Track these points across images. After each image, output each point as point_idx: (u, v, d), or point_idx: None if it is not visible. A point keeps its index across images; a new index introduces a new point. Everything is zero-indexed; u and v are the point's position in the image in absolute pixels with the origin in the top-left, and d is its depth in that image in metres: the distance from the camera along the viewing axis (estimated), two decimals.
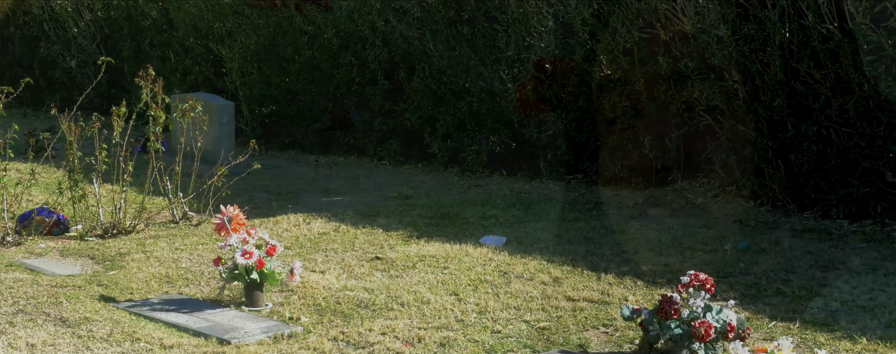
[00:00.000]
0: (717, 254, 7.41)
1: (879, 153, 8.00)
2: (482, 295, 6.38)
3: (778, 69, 8.33)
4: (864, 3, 7.82)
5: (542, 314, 6.03)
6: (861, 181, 8.19)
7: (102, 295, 6.45)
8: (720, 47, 8.70)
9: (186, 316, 6.00)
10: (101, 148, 8.34)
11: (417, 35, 11.34)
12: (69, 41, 16.51)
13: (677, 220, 8.68)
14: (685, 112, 9.33)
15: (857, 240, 7.71)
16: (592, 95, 9.86)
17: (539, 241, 7.86)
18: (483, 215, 8.91)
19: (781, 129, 8.57)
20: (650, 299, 6.23)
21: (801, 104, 8.40)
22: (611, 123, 9.87)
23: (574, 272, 6.90)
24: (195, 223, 8.57)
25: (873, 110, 7.95)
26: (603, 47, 9.62)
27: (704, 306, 5.23)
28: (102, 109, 12.37)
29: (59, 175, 8.73)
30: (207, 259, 7.30)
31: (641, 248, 7.62)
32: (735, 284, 6.60)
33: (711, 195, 9.27)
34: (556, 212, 9.06)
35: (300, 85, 12.87)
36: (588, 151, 10.12)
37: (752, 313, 5.98)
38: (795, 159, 8.45)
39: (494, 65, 10.61)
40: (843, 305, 6.14)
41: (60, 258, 7.53)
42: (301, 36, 12.81)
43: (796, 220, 8.39)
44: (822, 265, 7.06)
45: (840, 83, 8.15)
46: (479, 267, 7.05)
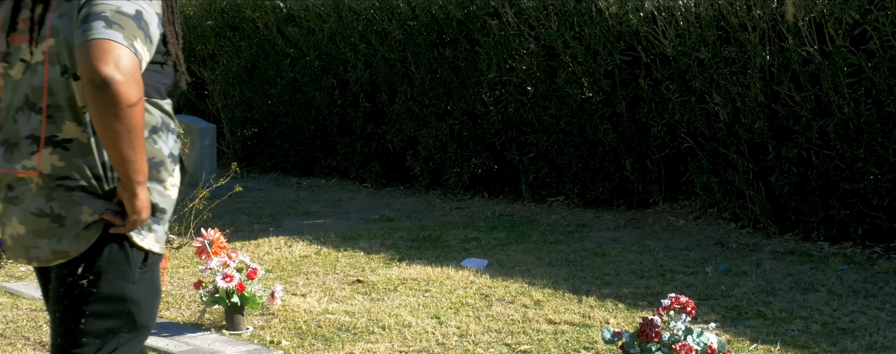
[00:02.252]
0: (698, 276, 7.41)
1: (860, 176, 8.02)
2: (463, 318, 6.37)
3: (758, 92, 8.36)
4: (843, 26, 7.85)
5: (524, 337, 6.02)
6: (841, 203, 8.21)
7: None
8: (701, 70, 8.72)
9: (166, 340, 5.98)
10: None
11: (399, 57, 11.35)
12: None
13: (658, 242, 8.69)
14: (666, 135, 9.35)
15: (837, 262, 7.72)
16: (574, 117, 9.87)
17: (521, 264, 7.86)
18: (465, 238, 8.91)
19: (762, 151, 8.60)
20: (631, 322, 6.23)
21: (781, 127, 8.43)
22: (592, 145, 9.89)
23: (555, 295, 6.90)
24: (176, 246, 8.55)
25: (853, 133, 7.97)
26: (584, 70, 9.64)
27: (685, 329, 5.23)
28: None
29: None
30: (188, 283, 7.28)
31: (623, 270, 7.63)
32: (716, 306, 6.60)
33: (692, 218, 9.29)
34: (537, 234, 9.07)
35: (282, 107, 12.87)
36: (570, 173, 10.13)
37: (733, 335, 5.98)
38: (776, 182, 8.47)
39: (476, 87, 10.62)
40: (824, 327, 6.14)
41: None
42: (283, 58, 12.82)
43: (777, 242, 8.40)
44: (802, 287, 7.07)
45: (820, 106, 8.18)
46: (461, 290, 7.04)
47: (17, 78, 3.43)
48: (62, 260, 3.36)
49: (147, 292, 3.47)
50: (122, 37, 3.13)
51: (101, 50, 3.08)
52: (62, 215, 3.33)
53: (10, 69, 3.46)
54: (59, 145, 3.34)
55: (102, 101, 3.11)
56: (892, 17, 7.58)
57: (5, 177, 3.43)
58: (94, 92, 3.10)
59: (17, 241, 3.44)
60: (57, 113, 3.34)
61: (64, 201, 3.33)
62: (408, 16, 11.18)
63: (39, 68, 3.35)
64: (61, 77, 3.31)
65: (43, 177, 3.33)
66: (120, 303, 3.41)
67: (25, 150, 3.37)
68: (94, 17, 3.14)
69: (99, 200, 3.33)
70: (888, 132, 7.80)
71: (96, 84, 3.08)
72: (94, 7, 3.18)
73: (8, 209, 3.45)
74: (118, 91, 3.09)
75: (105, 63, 3.07)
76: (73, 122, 3.33)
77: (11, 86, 3.46)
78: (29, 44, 3.38)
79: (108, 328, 3.42)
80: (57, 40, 3.31)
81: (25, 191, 3.38)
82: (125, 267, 3.40)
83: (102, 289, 3.38)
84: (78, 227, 3.32)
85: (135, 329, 3.47)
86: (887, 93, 7.72)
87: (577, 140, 9.97)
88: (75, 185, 3.32)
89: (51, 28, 3.33)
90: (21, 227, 3.40)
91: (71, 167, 3.33)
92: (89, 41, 3.10)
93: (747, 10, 8.37)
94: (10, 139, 3.43)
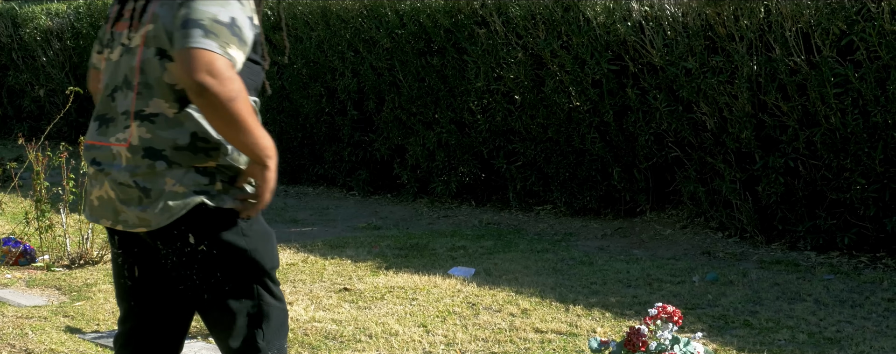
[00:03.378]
0: (685, 286, 7.42)
1: (846, 186, 8.04)
2: (450, 327, 6.37)
3: (746, 101, 8.38)
4: (830, 37, 7.88)
5: (511, 346, 6.02)
6: (828, 213, 8.23)
7: (69, 326, 6.42)
8: (688, 79, 8.73)
9: None
10: (68, 178, 8.31)
11: (387, 66, 11.35)
12: (38, 70, 16.45)
13: (646, 251, 8.70)
14: (654, 144, 9.36)
15: (824, 272, 7.74)
16: (562, 126, 9.88)
17: (508, 272, 7.86)
18: (452, 247, 8.91)
19: (749, 161, 8.61)
20: (618, 331, 6.24)
21: (768, 136, 8.45)
22: (580, 154, 9.90)
23: (542, 304, 6.90)
24: None
25: (840, 143, 7.99)
26: (572, 79, 9.65)
27: (672, 338, 5.23)
28: (71, 139, 12.31)
29: (26, 205, 8.69)
30: None
31: (610, 279, 7.63)
32: (703, 316, 6.61)
33: (679, 227, 9.30)
34: (524, 243, 9.07)
35: (269, 115, 12.86)
36: (557, 182, 10.14)
37: (719, 345, 5.99)
38: (763, 191, 8.49)
39: (464, 96, 10.62)
40: (811, 337, 6.16)
41: (26, 289, 7.49)
42: (270, 66, 12.80)
43: (764, 251, 8.42)
44: (789, 296, 7.09)
45: (807, 116, 8.20)
46: (448, 299, 7.04)
47: (116, 60, 3.76)
48: (144, 229, 3.67)
49: (260, 237, 3.78)
50: (217, 45, 3.48)
51: (196, 59, 3.44)
52: (148, 188, 3.62)
53: (111, 54, 3.80)
54: (146, 118, 3.63)
55: (204, 103, 3.48)
56: (879, 29, 7.60)
57: (97, 149, 3.74)
58: (195, 97, 3.48)
59: (105, 204, 3.74)
60: (146, 90, 3.64)
61: (148, 175, 3.62)
62: (396, 24, 11.18)
63: (136, 51, 3.68)
64: (154, 57, 3.62)
65: (131, 148, 3.63)
66: (242, 255, 3.73)
67: (120, 124, 3.68)
68: (193, 24, 3.48)
69: (181, 170, 3.62)
70: (874, 143, 7.82)
71: (195, 90, 3.45)
72: (192, 12, 3.51)
73: (97, 176, 3.76)
74: (215, 92, 3.44)
75: (199, 71, 3.43)
76: (160, 98, 3.62)
77: (111, 68, 3.78)
78: (129, 29, 3.72)
79: (244, 280, 3.76)
80: (155, 26, 3.62)
81: (114, 162, 3.67)
82: (230, 226, 3.70)
83: (221, 249, 3.70)
84: (163, 198, 3.62)
85: (264, 273, 3.80)
86: (874, 103, 7.74)
87: (564, 149, 9.98)
88: (159, 156, 3.61)
89: (152, 15, 3.64)
90: (111, 192, 3.70)
91: (156, 139, 3.61)
92: (187, 50, 3.46)
93: (734, 20, 8.39)
94: (107, 115, 3.75)
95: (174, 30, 3.53)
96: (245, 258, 3.74)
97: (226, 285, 3.75)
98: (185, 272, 3.75)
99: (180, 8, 3.55)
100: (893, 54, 7.59)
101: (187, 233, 3.68)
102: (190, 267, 3.73)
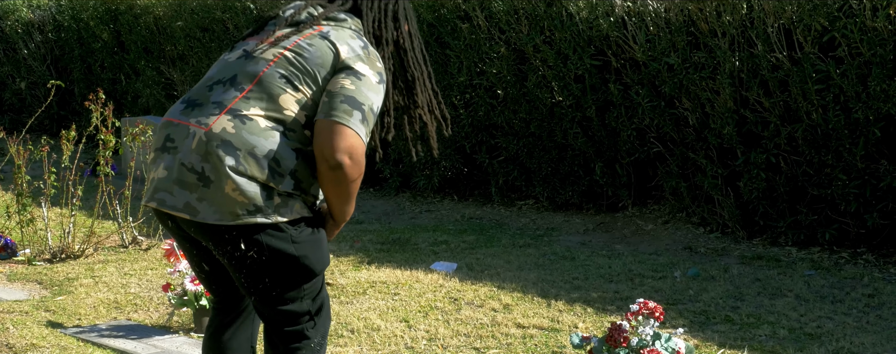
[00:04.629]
0: (666, 281, 7.44)
1: (828, 182, 8.07)
2: (432, 322, 6.37)
3: (728, 97, 8.39)
4: (812, 33, 7.90)
5: (493, 341, 6.03)
6: (809, 209, 8.26)
7: (50, 321, 6.41)
8: (671, 75, 8.75)
9: (134, 342, 5.96)
10: (50, 171, 8.29)
11: None
12: (19, 63, 16.39)
13: (627, 246, 8.71)
14: (636, 139, 9.37)
15: (805, 267, 7.76)
16: (544, 121, 9.89)
17: (490, 267, 7.87)
18: (434, 241, 8.91)
19: (731, 156, 8.63)
20: (600, 326, 6.25)
21: (750, 132, 8.47)
22: (562, 149, 9.90)
23: (524, 299, 6.91)
24: (145, 248, 8.53)
25: (821, 139, 8.02)
26: (554, 74, 9.66)
27: (653, 334, 5.24)
28: (52, 132, 12.28)
29: (8, 199, 8.67)
30: (157, 285, 7.26)
31: (592, 275, 7.65)
32: (684, 311, 6.63)
33: (661, 222, 9.32)
34: (506, 238, 9.08)
35: None
36: (539, 176, 10.15)
37: (700, 340, 6.01)
38: (745, 187, 8.51)
39: (446, 90, 10.62)
40: (791, 332, 6.18)
41: (7, 283, 7.47)
42: None
43: (745, 247, 8.44)
44: (770, 292, 7.11)
45: (789, 112, 8.22)
46: (430, 294, 7.05)
47: (231, 62, 3.91)
48: (187, 216, 3.74)
49: (310, 243, 3.86)
50: (365, 132, 3.76)
51: (344, 138, 3.72)
52: (209, 178, 3.69)
53: (228, 55, 3.96)
54: (238, 116, 3.74)
55: (332, 176, 3.75)
56: (861, 25, 7.62)
57: (174, 126, 3.81)
58: (325, 168, 3.74)
59: (158, 183, 3.81)
60: (254, 97, 3.77)
61: (215, 167, 3.68)
62: None
63: (262, 62, 3.82)
64: (280, 79, 3.78)
65: (209, 135, 3.71)
66: (292, 262, 3.81)
67: (207, 111, 3.78)
68: (356, 105, 3.74)
69: (243, 178, 3.68)
70: (855, 139, 7.84)
71: (329, 164, 3.72)
72: (358, 94, 3.77)
73: (160, 156, 3.81)
74: (347, 173, 3.74)
75: (342, 151, 3.71)
76: (261, 111, 3.75)
77: (222, 66, 3.93)
78: (262, 43, 3.90)
79: (294, 283, 3.86)
80: (295, 54, 3.81)
81: (186, 143, 3.74)
82: (279, 235, 3.78)
83: (271, 257, 3.78)
84: (218, 197, 3.69)
85: (313, 275, 3.89)
86: (855, 100, 7.77)
87: (546, 144, 9.99)
88: (231, 154, 3.68)
89: (296, 44, 3.84)
90: (164, 172, 3.78)
91: (237, 137, 3.69)
92: (341, 125, 3.72)
93: (717, 16, 8.40)
94: (197, 100, 3.85)
95: (333, 97, 3.74)
96: (295, 264, 3.83)
97: (275, 288, 3.86)
98: (235, 273, 3.88)
99: (346, 76, 3.78)
100: (875, 51, 7.61)
101: (238, 239, 3.77)
102: (239, 269, 3.84)
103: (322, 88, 3.79)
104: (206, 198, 3.70)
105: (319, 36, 3.86)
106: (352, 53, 3.83)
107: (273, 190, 3.73)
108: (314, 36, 3.86)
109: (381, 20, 4.08)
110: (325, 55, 3.80)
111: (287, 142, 3.74)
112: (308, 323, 3.93)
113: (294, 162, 3.75)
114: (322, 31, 3.88)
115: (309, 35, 3.87)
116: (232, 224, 3.71)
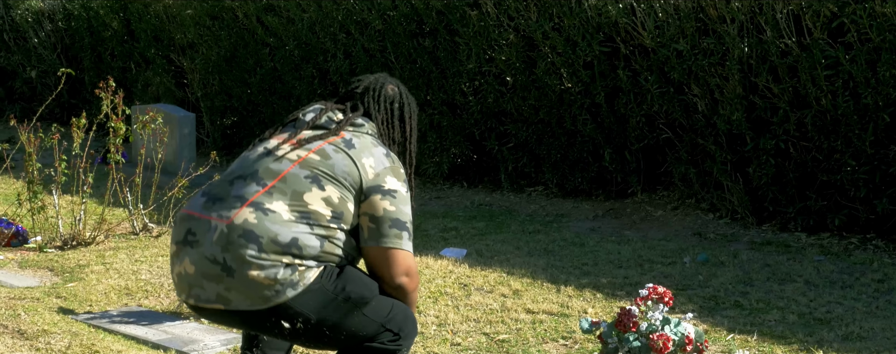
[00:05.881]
0: (676, 267, 7.44)
1: (837, 167, 8.07)
2: (442, 308, 6.39)
3: (737, 83, 8.39)
4: (821, 19, 7.89)
5: (502, 326, 6.04)
6: (819, 195, 8.25)
7: (61, 307, 6.43)
8: (680, 61, 8.74)
9: (145, 329, 5.98)
10: (60, 159, 8.30)
11: (379, 47, 11.35)
12: (29, 51, 16.41)
13: (637, 232, 8.72)
14: (645, 125, 9.37)
15: (814, 253, 7.76)
16: (553, 107, 9.89)
17: (499, 253, 7.88)
18: (444, 228, 8.92)
19: (740, 142, 8.63)
20: (609, 311, 6.26)
21: (759, 118, 8.46)
22: (571, 135, 9.91)
23: (534, 285, 6.92)
24: (155, 235, 8.55)
25: (831, 125, 8.01)
26: (563, 61, 9.66)
27: (663, 318, 5.25)
28: (63, 120, 12.31)
29: (19, 186, 8.68)
30: (167, 271, 7.28)
31: (601, 260, 7.65)
32: (694, 296, 6.64)
33: (671, 208, 9.31)
34: (516, 224, 9.09)
35: (262, 97, 12.86)
36: (548, 163, 10.15)
37: (710, 325, 6.02)
38: (754, 173, 8.51)
39: (455, 78, 10.62)
40: (801, 318, 6.18)
41: (19, 270, 7.49)
42: (262, 47, 12.80)
43: (755, 233, 8.44)
44: (779, 277, 7.11)
45: (798, 98, 8.21)
46: (440, 279, 7.06)
47: (253, 157, 4.09)
48: (222, 306, 3.89)
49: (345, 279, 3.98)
50: (411, 245, 4.05)
51: (400, 262, 4.02)
52: (232, 268, 3.83)
53: (249, 153, 4.15)
54: (261, 209, 3.89)
55: (394, 293, 4.06)
56: (870, 11, 7.62)
57: (195, 221, 3.95)
58: (388, 288, 4.04)
59: (183, 278, 3.95)
60: (276, 193, 3.94)
61: (236, 256, 3.82)
62: (387, 6, 11.18)
63: (285, 162, 4.00)
64: (304, 178, 3.96)
65: (230, 227, 3.85)
66: (340, 306, 3.96)
67: (228, 204, 3.93)
68: (401, 225, 4.01)
69: (268, 261, 3.83)
70: (865, 124, 7.84)
71: (391, 286, 4.03)
72: (400, 214, 4.01)
73: (183, 250, 3.95)
74: (408, 289, 4.06)
75: (400, 274, 4.02)
76: (284, 203, 3.92)
77: (243, 161, 4.12)
78: (285, 143, 4.07)
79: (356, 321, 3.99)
80: (321, 158, 4.00)
81: (208, 236, 3.87)
82: (313, 293, 3.91)
83: (319, 316, 3.93)
84: (244, 283, 3.83)
85: (366, 302, 4.01)
86: (864, 85, 7.76)
87: (555, 130, 9.99)
88: (253, 242, 3.83)
89: (321, 150, 4.02)
90: (191, 267, 3.91)
91: (259, 227, 3.84)
92: (395, 251, 4.00)
93: (726, 1, 8.39)
94: (218, 194, 4.01)
95: (380, 223, 3.98)
96: (344, 306, 3.97)
97: (340, 334, 4.01)
98: (300, 344, 4.10)
99: (383, 197, 4.00)
100: (884, 36, 7.60)
101: (279, 318, 3.91)
102: (299, 340, 4.04)
103: (350, 193, 3.98)
104: (234, 287, 3.85)
105: (344, 144, 4.05)
106: (380, 166, 4.04)
107: (296, 266, 3.88)
108: (338, 142, 4.05)
109: (389, 121, 4.29)
110: (350, 167, 4.00)
111: (310, 231, 3.90)
112: (395, 342, 4.08)
113: (318, 249, 3.91)
114: (345, 138, 4.09)
115: (333, 141, 4.05)
116: (265, 308, 3.86)
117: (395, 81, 4.38)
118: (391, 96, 4.31)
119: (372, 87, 4.30)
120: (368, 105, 4.26)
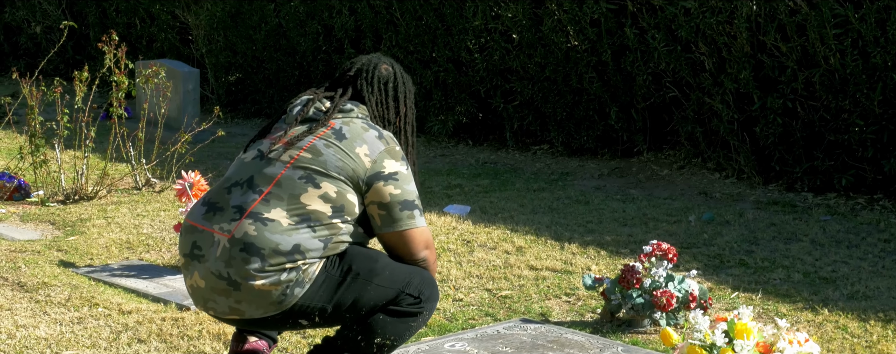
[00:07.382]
0: (681, 225, 7.41)
1: (844, 127, 8.01)
2: (445, 264, 6.36)
3: (745, 42, 8.32)
4: None
5: (505, 282, 6.01)
6: (826, 155, 8.20)
7: (62, 261, 6.41)
8: (687, 19, 8.68)
9: (146, 282, 5.96)
10: (63, 113, 8.26)
11: (384, 4, 11.28)
12: (34, 7, 16.34)
13: (642, 191, 8.68)
14: (651, 84, 9.32)
15: (820, 213, 7.72)
16: (559, 65, 9.83)
17: (503, 211, 7.85)
18: (448, 185, 8.89)
19: (747, 101, 8.57)
20: (613, 268, 6.23)
21: (767, 77, 8.40)
22: (577, 94, 9.85)
23: (537, 242, 6.89)
24: (158, 190, 8.52)
25: (839, 84, 7.95)
26: (570, 18, 9.59)
27: (667, 275, 5.23)
28: (67, 76, 12.25)
29: (21, 140, 8.64)
30: (169, 226, 7.26)
31: (605, 218, 7.62)
32: (698, 255, 6.60)
33: (677, 167, 9.27)
34: (521, 182, 9.05)
35: (266, 53, 12.80)
36: (554, 121, 10.10)
37: (714, 283, 5.98)
38: (761, 132, 8.45)
39: (461, 35, 10.56)
40: (806, 276, 6.15)
41: (20, 223, 7.48)
42: (267, 3, 12.73)
43: (761, 192, 8.40)
44: (785, 237, 7.07)
45: (806, 56, 8.15)
46: (443, 236, 7.03)
47: (247, 161, 4.09)
48: (237, 316, 3.98)
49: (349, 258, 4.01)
50: (424, 220, 4.10)
51: (418, 240, 4.06)
52: (237, 282, 3.88)
53: (244, 155, 4.15)
54: (260, 219, 3.91)
55: (418, 266, 4.10)
56: None
57: (199, 233, 3.99)
58: (412, 263, 4.08)
59: (196, 292, 4.02)
60: (273, 199, 3.94)
61: (238, 271, 3.87)
62: None
63: (279, 164, 4.00)
64: (299, 180, 3.95)
65: (231, 241, 3.89)
66: (351, 285, 3.99)
67: (228, 216, 3.95)
68: (411, 205, 4.03)
69: (272, 269, 3.87)
70: (873, 84, 7.78)
71: (415, 261, 4.07)
72: (406, 194, 4.03)
73: (191, 264, 4.01)
74: (431, 261, 4.13)
75: (421, 249, 4.08)
76: (284, 211, 3.92)
77: (238, 165, 4.12)
78: (276, 143, 4.07)
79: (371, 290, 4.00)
80: (313, 156, 3.98)
81: (211, 251, 3.94)
82: (321, 282, 3.95)
83: (335, 302, 3.98)
84: (252, 294, 3.88)
85: (376, 272, 4.01)
86: (873, 44, 7.69)
87: (562, 89, 9.93)
88: (256, 255, 3.86)
89: (311, 146, 4.00)
90: (202, 281, 3.97)
91: (259, 238, 3.87)
92: (411, 231, 4.04)
93: None
94: (217, 203, 4.02)
95: (390, 209, 4.00)
96: (354, 283, 3.99)
97: (362, 310, 4.02)
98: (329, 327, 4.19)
99: (386, 183, 3.99)
100: None
101: (296, 317, 3.98)
102: (326, 324, 4.10)
103: (347, 186, 3.97)
104: (244, 299, 3.91)
105: (335, 136, 4.01)
106: (375, 151, 4.02)
107: (299, 266, 3.91)
108: (328, 135, 4.03)
109: (383, 101, 4.25)
110: (342, 161, 3.97)
111: (313, 234, 3.92)
112: (416, 305, 4.08)
113: (322, 250, 3.93)
114: (334, 128, 4.06)
115: (323, 134, 4.03)
116: (278, 313, 3.93)
117: (389, 60, 4.34)
118: (385, 76, 4.27)
119: (365, 68, 4.26)
120: (361, 87, 4.22)
